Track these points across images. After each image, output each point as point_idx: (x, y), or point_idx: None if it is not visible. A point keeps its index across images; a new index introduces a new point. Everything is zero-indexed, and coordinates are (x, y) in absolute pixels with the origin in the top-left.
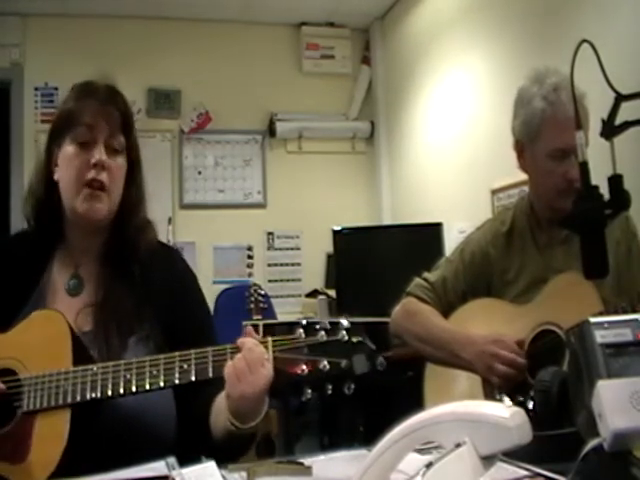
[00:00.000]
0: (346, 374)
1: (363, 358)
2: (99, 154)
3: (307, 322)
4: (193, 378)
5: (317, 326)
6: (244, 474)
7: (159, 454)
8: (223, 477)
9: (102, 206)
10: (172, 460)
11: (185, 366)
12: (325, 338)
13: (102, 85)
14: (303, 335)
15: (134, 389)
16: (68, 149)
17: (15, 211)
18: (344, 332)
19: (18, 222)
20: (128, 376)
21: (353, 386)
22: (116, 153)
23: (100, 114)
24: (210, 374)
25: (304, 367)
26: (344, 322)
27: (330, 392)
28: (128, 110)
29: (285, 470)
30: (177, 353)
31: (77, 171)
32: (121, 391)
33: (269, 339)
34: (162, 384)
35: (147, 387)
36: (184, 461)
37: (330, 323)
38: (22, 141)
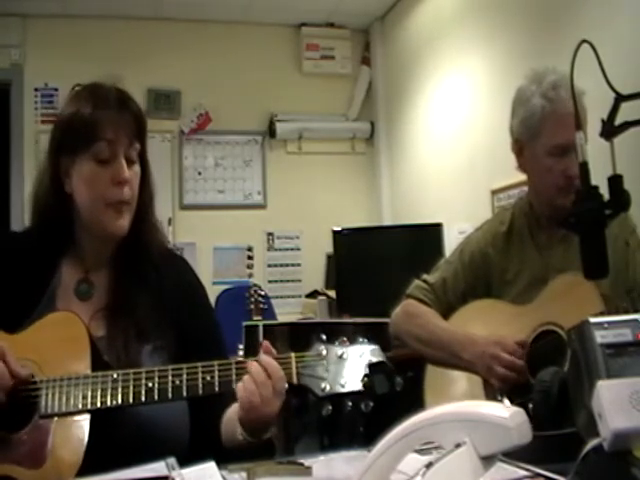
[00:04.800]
0: (366, 393)
1: (383, 378)
2: (123, 171)
3: (327, 337)
4: (217, 389)
5: (337, 342)
6: (244, 474)
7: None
8: (223, 477)
9: (127, 221)
10: (172, 460)
11: (209, 378)
12: (346, 357)
13: (112, 90)
14: (324, 352)
15: (156, 398)
16: (87, 167)
17: (15, 211)
18: (365, 349)
19: (18, 222)
20: (150, 385)
21: (371, 404)
22: (134, 162)
23: (119, 126)
24: (234, 387)
25: (325, 384)
26: (364, 340)
27: (349, 409)
28: (141, 114)
29: (285, 470)
30: (200, 364)
31: (100, 190)
32: (143, 399)
33: (292, 355)
34: (185, 394)
35: (170, 396)
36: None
37: (349, 339)
38: (22, 142)
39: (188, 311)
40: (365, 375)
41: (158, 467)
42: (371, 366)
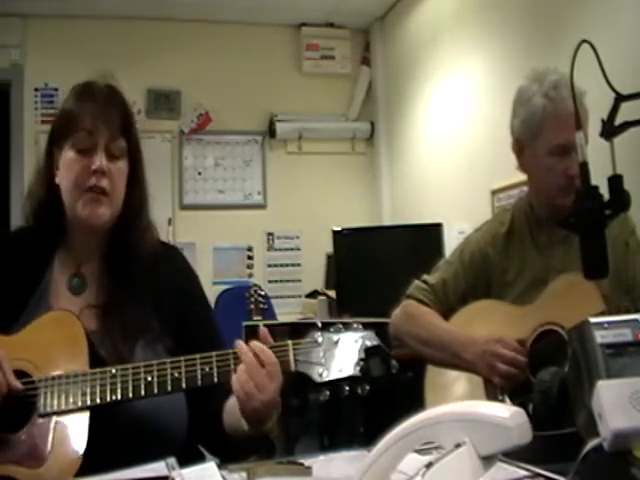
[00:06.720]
0: (362, 377)
1: (378, 361)
2: (99, 160)
3: (322, 324)
4: (216, 380)
5: (332, 328)
6: (244, 474)
7: (171, 455)
8: (223, 477)
9: (104, 210)
10: (172, 460)
11: (207, 369)
12: (342, 342)
13: (102, 86)
14: (320, 338)
15: (156, 391)
16: (68, 155)
17: (15, 211)
18: (360, 335)
19: (18, 222)
20: (149, 378)
21: (368, 388)
22: (117, 157)
23: (100, 118)
24: (233, 377)
25: (322, 370)
26: (359, 326)
27: (347, 394)
28: (128, 112)
29: (285, 470)
30: (198, 355)
31: (77, 178)
32: (142, 393)
33: (289, 343)
34: (184, 386)
35: (169, 389)
36: (193, 461)
37: (344, 325)
38: (22, 142)
39: (181, 301)
40: (361, 359)
41: (158, 467)
42: (367, 350)
